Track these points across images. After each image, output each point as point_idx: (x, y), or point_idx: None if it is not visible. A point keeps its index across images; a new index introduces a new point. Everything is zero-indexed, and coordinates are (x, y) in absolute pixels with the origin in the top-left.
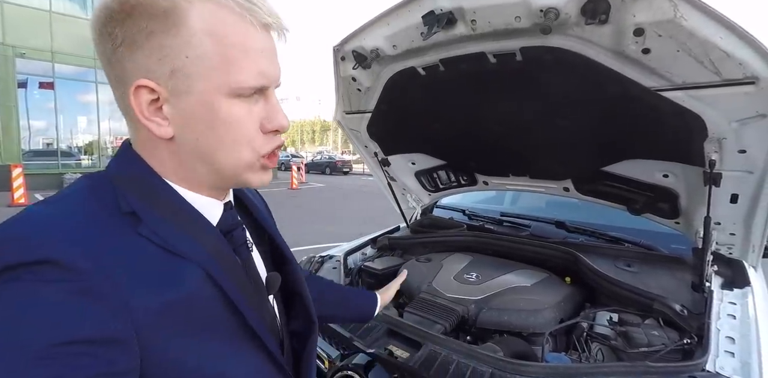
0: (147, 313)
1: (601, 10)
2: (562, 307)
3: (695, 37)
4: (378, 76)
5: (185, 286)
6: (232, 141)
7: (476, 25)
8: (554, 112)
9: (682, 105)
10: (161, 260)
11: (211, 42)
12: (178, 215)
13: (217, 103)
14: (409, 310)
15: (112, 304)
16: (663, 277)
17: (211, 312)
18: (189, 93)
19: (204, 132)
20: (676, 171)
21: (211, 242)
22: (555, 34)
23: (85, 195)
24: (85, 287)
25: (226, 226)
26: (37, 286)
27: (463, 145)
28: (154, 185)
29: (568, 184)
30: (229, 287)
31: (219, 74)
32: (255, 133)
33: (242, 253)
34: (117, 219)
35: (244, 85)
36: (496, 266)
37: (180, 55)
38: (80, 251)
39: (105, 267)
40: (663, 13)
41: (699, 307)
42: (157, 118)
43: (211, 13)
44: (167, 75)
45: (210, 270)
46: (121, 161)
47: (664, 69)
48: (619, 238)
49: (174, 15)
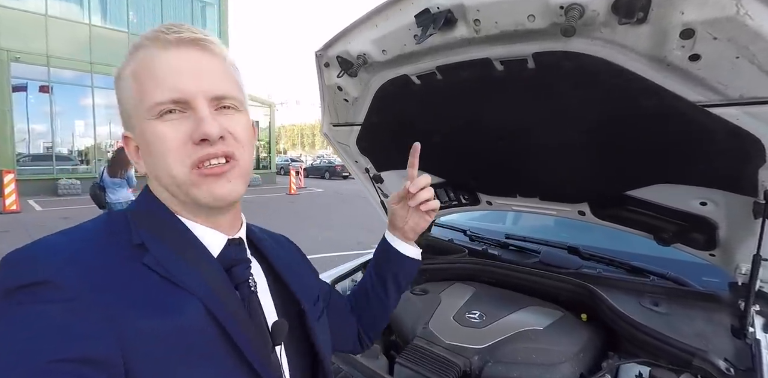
0: (136, 334)
1: (639, 6)
2: (582, 359)
3: (762, 40)
4: (367, 85)
5: (183, 317)
6: (162, 158)
7: (480, 26)
8: (571, 128)
9: (736, 124)
10: (161, 289)
11: (132, 81)
12: (183, 247)
13: (146, 129)
14: (401, 362)
15: (102, 325)
16: (698, 320)
17: (207, 346)
18: (134, 128)
19: (148, 158)
20: (717, 199)
21: (211, 275)
22: (577, 37)
23: (99, 226)
24: (76, 307)
25: (227, 261)
26: (33, 307)
27: (465, 161)
28: (162, 218)
29: (584, 207)
30: (229, 323)
31: (140, 104)
32: (181, 146)
33: (242, 291)
34: (126, 251)
35: (152, 103)
36: (502, 301)
37: (122, 103)
38: (74, 270)
39: (96, 285)
40: (722, 10)
41: (744, 360)
42: (139, 160)
43: (137, 58)
44: (126, 121)
45: (210, 304)
46: (139, 199)
47: (716, 80)
48: (642, 268)
49: (120, 71)
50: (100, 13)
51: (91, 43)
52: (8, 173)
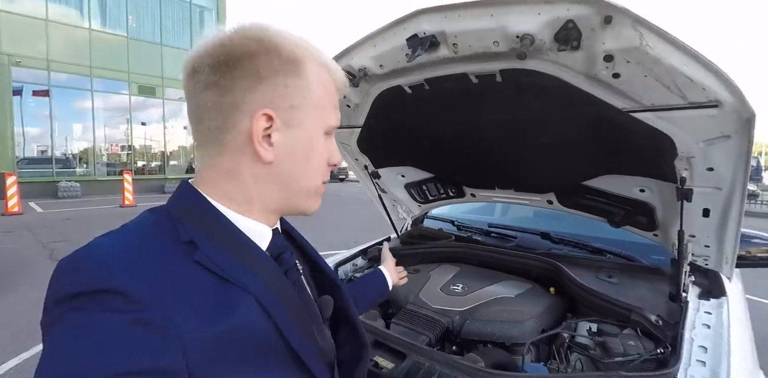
0: (200, 344)
1: (572, 38)
2: (544, 318)
3: (661, 64)
4: (366, 94)
5: (236, 316)
6: (314, 170)
7: (458, 48)
8: (535, 130)
9: (652, 125)
10: (214, 288)
11: (321, 91)
12: (232, 242)
13: (316, 138)
14: (395, 322)
15: (167, 336)
16: (642, 287)
17: (260, 342)
18: (299, 126)
19: (300, 159)
20: (652, 186)
21: (262, 268)
22: (532, 58)
23: (147, 226)
24: (144, 318)
25: (276, 250)
26: (99, 315)
27: (450, 159)
28: (209, 214)
29: (551, 197)
30: (282, 319)
31: (322, 116)
32: (325, 164)
33: (292, 275)
34: (176, 247)
35: (333, 125)
36: (482, 277)
37: (299, 95)
38: (142, 282)
39: (163, 299)
40: (630, 42)
41: (675, 317)
42: (264, 144)
43: (318, 69)
44: (285, 109)
45: (262, 299)
46: (179, 195)
47: (633, 92)
48: (601, 249)
49: (298, 62)
50: (100, 18)
51: (91, 47)
52: (10, 176)
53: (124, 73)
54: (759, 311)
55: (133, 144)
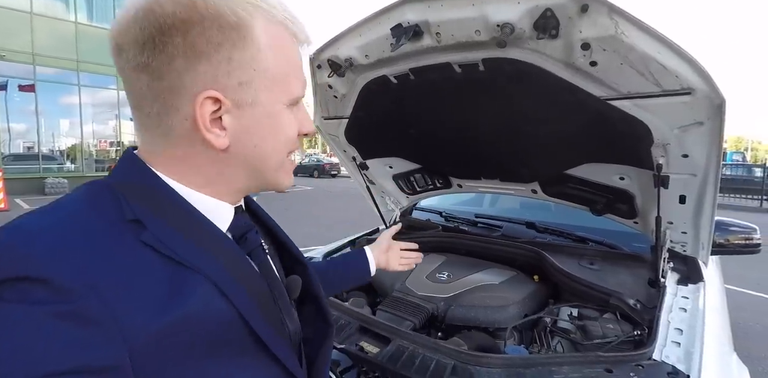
0: (145, 335)
1: (551, 26)
2: (527, 304)
3: (635, 52)
4: (353, 84)
5: (191, 303)
6: (283, 145)
7: (441, 38)
8: (517, 119)
9: (629, 113)
10: (164, 272)
11: (273, 56)
12: (186, 221)
13: (277, 113)
14: (381, 308)
15: (104, 329)
16: (622, 274)
17: (221, 330)
18: (254, 105)
19: (263, 139)
20: (631, 174)
21: (221, 250)
22: (513, 47)
23: (83, 202)
24: (73, 310)
25: (240, 230)
26: (20, 308)
27: (437, 149)
28: (161, 192)
29: (535, 186)
30: (243, 304)
31: (280, 86)
32: (294, 136)
33: (258, 256)
34: (118, 226)
35: (296, 95)
36: (467, 265)
37: (248, 68)
38: (69, 267)
39: (97, 285)
40: (605, 30)
41: (653, 302)
42: (215, 129)
43: (271, 29)
44: (234, 87)
45: (220, 284)
46: (125, 169)
47: (610, 80)
48: (584, 237)
49: (242, 28)
50: (86, 11)
51: (78, 40)
52: None
53: (112, 68)
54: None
55: (122, 140)
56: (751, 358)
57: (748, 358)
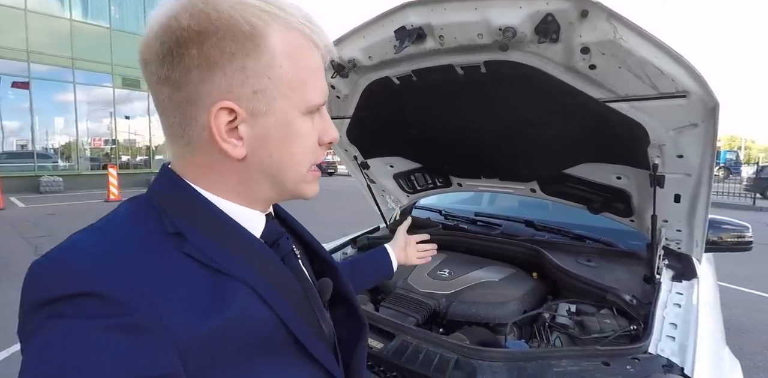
0: (194, 340)
1: (552, 30)
2: (526, 300)
3: (633, 56)
4: (356, 85)
5: (233, 309)
6: (301, 155)
7: (444, 41)
8: (518, 120)
9: (626, 115)
10: (206, 280)
11: (288, 63)
12: (223, 231)
13: (293, 121)
14: (385, 305)
15: (158, 339)
16: (619, 270)
17: (263, 334)
18: (269, 113)
19: (279, 148)
20: (628, 173)
21: (257, 256)
22: (514, 50)
23: (127, 218)
24: (128, 322)
25: (272, 236)
26: (78, 323)
27: (437, 149)
28: (195, 202)
29: (534, 185)
30: (282, 308)
31: (296, 94)
32: (315, 145)
33: (290, 261)
34: (161, 239)
35: (314, 103)
36: (468, 263)
37: (263, 77)
38: (122, 281)
39: (148, 297)
40: (604, 35)
41: (648, 298)
42: (232, 139)
43: (286, 36)
44: (248, 96)
45: (256, 287)
46: (162, 183)
47: (608, 83)
48: (582, 235)
49: (257, 37)
50: (81, 8)
51: (73, 38)
52: None
53: (108, 65)
54: (741, 299)
55: (117, 138)
56: (743, 353)
57: (740, 352)
